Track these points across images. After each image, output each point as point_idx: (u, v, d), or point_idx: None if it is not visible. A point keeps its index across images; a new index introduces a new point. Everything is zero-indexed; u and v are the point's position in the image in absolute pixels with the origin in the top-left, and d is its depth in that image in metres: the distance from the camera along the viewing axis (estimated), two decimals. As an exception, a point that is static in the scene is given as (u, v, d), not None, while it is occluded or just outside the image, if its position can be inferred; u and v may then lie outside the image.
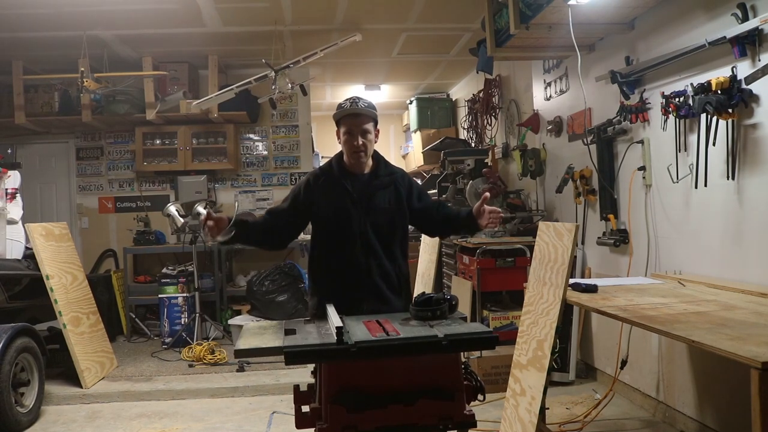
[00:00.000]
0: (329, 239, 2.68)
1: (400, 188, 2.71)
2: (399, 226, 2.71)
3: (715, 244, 3.24)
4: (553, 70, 5.11)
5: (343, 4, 5.14)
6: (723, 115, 2.97)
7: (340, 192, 2.65)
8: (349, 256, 2.63)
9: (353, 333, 2.12)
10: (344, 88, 8.35)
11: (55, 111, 6.50)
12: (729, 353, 1.88)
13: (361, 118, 2.60)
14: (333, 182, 2.67)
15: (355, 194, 2.64)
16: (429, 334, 2.09)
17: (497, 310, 4.79)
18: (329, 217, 2.65)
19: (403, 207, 2.70)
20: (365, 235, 2.63)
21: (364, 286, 2.63)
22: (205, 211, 2.22)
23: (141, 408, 4.35)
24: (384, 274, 2.67)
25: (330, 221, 2.66)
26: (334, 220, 2.65)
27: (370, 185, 2.66)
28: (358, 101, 2.61)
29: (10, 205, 5.05)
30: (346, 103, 2.62)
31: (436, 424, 2.07)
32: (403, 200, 2.71)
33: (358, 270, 2.63)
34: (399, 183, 2.72)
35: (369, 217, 2.63)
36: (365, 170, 2.69)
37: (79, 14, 5.04)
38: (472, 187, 5.37)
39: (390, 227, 2.68)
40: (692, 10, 3.32)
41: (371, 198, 2.65)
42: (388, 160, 2.81)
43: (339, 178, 2.66)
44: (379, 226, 2.65)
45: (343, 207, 2.63)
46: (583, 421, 3.69)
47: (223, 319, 6.12)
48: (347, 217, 2.62)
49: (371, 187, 2.66)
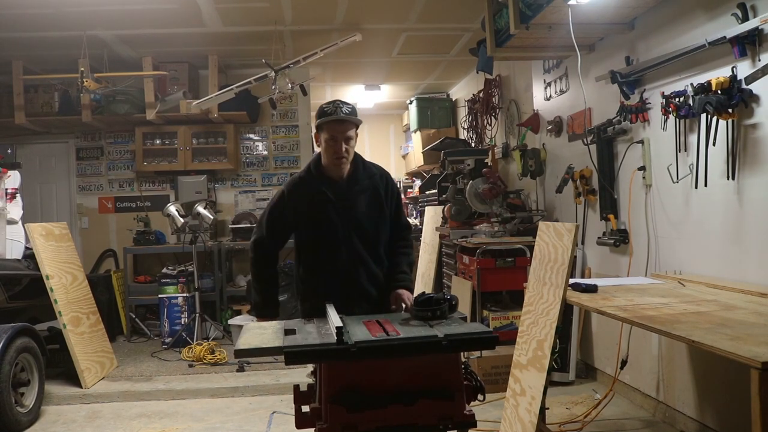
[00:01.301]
0: (314, 247, 2.67)
1: (379, 189, 2.70)
2: (383, 229, 2.71)
3: (715, 244, 3.24)
4: (553, 70, 5.11)
5: (343, 4, 5.14)
6: (723, 115, 2.97)
7: (322, 200, 2.62)
8: (336, 264, 2.63)
9: (353, 333, 2.12)
10: (344, 88, 8.35)
11: (55, 111, 6.50)
12: (729, 353, 1.88)
13: (345, 124, 2.56)
14: (313, 190, 2.64)
15: (338, 202, 2.62)
16: (429, 334, 2.09)
17: (497, 310, 4.79)
18: (313, 226, 2.64)
19: (384, 208, 2.70)
20: (350, 242, 2.62)
21: (353, 292, 2.64)
22: None
23: (141, 408, 4.35)
24: (372, 278, 2.67)
25: (314, 230, 2.64)
26: (317, 230, 2.63)
27: (351, 191, 2.64)
28: (341, 106, 2.55)
29: (10, 205, 5.06)
30: (330, 108, 2.55)
31: (436, 424, 2.07)
32: (383, 201, 2.70)
33: (347, 277, 2.63)
34: (378, 184, 2.70)
35: (352, 223, 2.62)
36: (344, 174, 2.65)
37: (79, 14, 5.04)
38: (472, 187, 5.37)
39: (374, 232, 2.68)
40: (692, 10, 3.32)
41: (353, 205, 2.63)
42: (365, 159, 2.77)
43: (319, 185, 2.63)
44: (363, 231, 2.65)
45: (326, 216, 2.61)
46: (583, 421, 3.69)
47: (223, 319, 6.12)
48: (331, 226, 2.61)
49: (352, 193, 2.64)
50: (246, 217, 6.83)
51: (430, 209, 6.96)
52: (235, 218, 6.86)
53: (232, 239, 6.64)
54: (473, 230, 5.30)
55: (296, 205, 2.65)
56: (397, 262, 2.73)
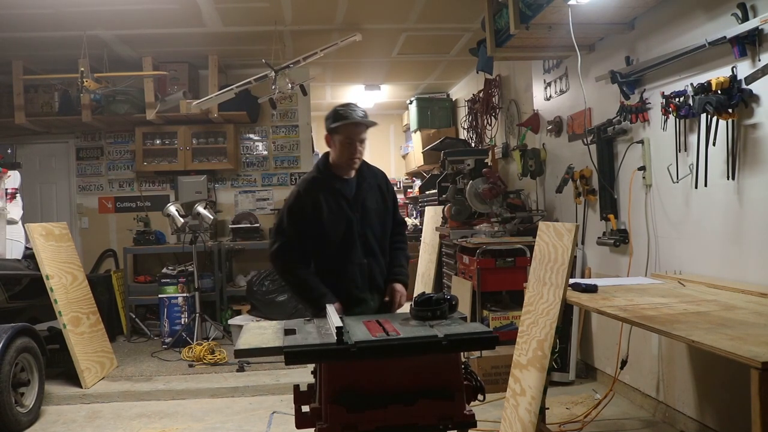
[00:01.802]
0: (330, 243, 2.72)
1: (382, 187, 2.84)
2: (387, 224, 2.86)
3: (715, 244, 3.24)
4: (553, 70, 5.11)
5: (343, 4, 5.14)
6: (723, 115, 2.97)
7: (336, 197, 2.71)
8: (353, 258, 2.71)
9: (353, 333, 2.12)
10: (344, 88, 8.34)
11: (55, 111, 6.50)
12: (729, 353, 1.88)
13: (361, 127, 2.68)
14: (327, 188, 2.72)
15: (351, 199, 2.73)
16: (429, 334, 2.09)
17: (497, 310, 4.79)
18: (330, 221, 2.69)
19: (387, 205, 2.84)
20: (364, 237, 2.73)
21: (368, 284, 2.75)
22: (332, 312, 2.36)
23: (141, 408, 4.35)
24: (382, 271, 2.81)
25: (331, 226, 2.69)
26: (334, 225, 2.70)
27: (360, 188, 2.76)
28: (356, 110, 2.67)
29: (10, 205, 5.06)
30: (345, 111, 2.66)
31: (436, 424, 2.07)
32: (386, 197, 2.84)
33: (361, 270, 2.73)
34: (381, 183, 2.85)
35: (365, 219, 2.74)
36: (353, 174, 2.77)
37: (79, 14, 5.04)
38: (472, 187, 5.37)
39: (382, 227, 2.82)
40: (692, 10, 3.32)
41: (364, 201, 2.75)
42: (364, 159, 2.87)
43: (332, 183, 2.73)
44: (373, 226, 2.77)
45: (342, 212, 2.71)
46: (583, 421, 3.69)
47: (223, 319, 6.12)
48: (348, 221, 2.70)
49: (362, 190, 2.76)
50: (246, 217, 6.83)
51: (430, 209, 6.96)
52: (235, 218, 6.86)
53: (232, 239, 6.64)
54: (473, 230, 5.30)
55: (313, 202, 2.70)
56: (395, 257, 2.86)
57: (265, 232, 6.81)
